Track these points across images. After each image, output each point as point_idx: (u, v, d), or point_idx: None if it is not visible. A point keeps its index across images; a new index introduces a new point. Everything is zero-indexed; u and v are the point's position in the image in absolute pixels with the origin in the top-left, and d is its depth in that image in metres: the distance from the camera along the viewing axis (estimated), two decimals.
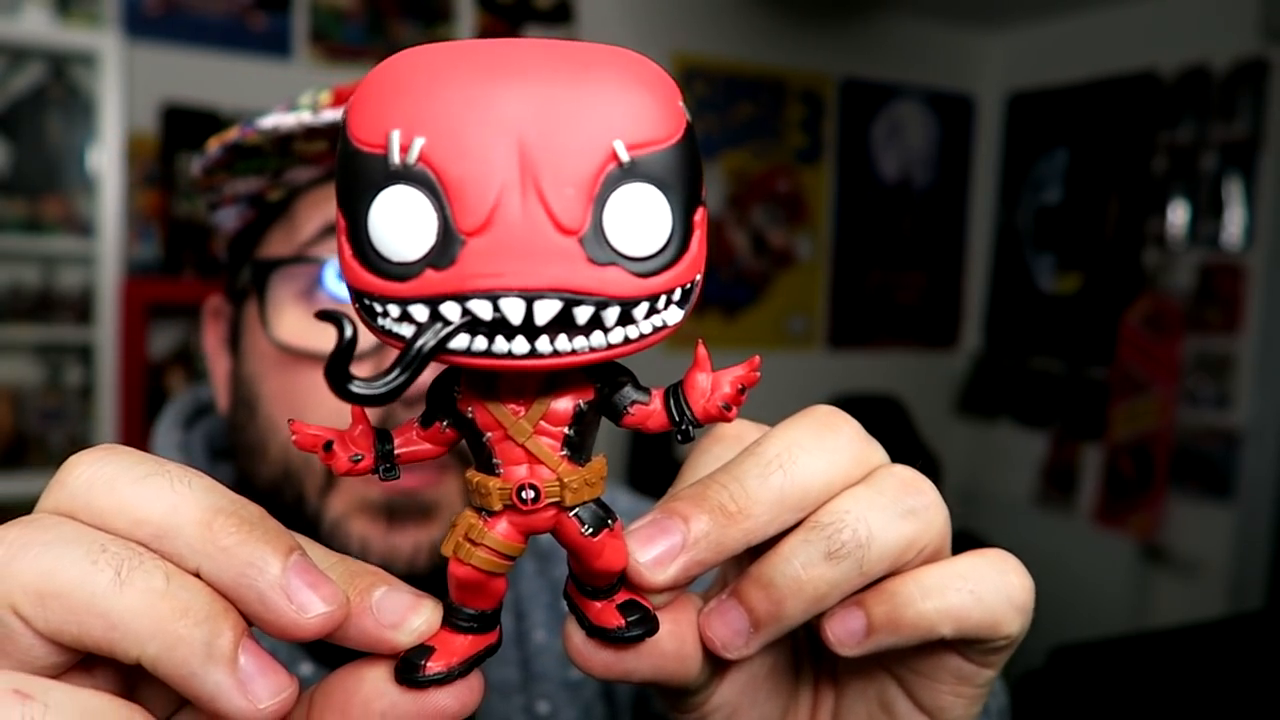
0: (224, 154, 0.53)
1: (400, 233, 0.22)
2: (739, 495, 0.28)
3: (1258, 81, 2.76)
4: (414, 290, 0.22)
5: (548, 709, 0.61)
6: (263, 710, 0.23)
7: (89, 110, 2.36)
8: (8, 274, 2.34)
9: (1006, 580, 0.29)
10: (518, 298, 0.21)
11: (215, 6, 2.50)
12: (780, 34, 3.26)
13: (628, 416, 0.26)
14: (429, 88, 0.22)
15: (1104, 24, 3.21)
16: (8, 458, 2.32)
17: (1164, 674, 1.95)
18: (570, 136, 0.22)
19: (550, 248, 0.21)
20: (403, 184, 0.22)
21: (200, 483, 0.25)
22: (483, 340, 0.22)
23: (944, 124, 3.63)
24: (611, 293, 0.22)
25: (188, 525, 0.24)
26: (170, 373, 2.49)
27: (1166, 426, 2.91)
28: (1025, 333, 3.49)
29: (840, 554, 0.27)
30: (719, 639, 0.28)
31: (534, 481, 0.25)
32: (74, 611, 0.22)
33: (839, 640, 0.28)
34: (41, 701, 0.22)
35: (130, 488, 0.24)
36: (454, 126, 0.21)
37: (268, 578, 0.23)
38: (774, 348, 3.34)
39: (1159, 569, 2.95)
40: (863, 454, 0.30)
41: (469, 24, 2.80)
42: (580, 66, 0.22)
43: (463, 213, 0.21)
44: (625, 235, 0.22)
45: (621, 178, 0.22)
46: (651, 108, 0.22)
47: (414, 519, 0.53)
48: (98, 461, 0.25)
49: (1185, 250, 2.95)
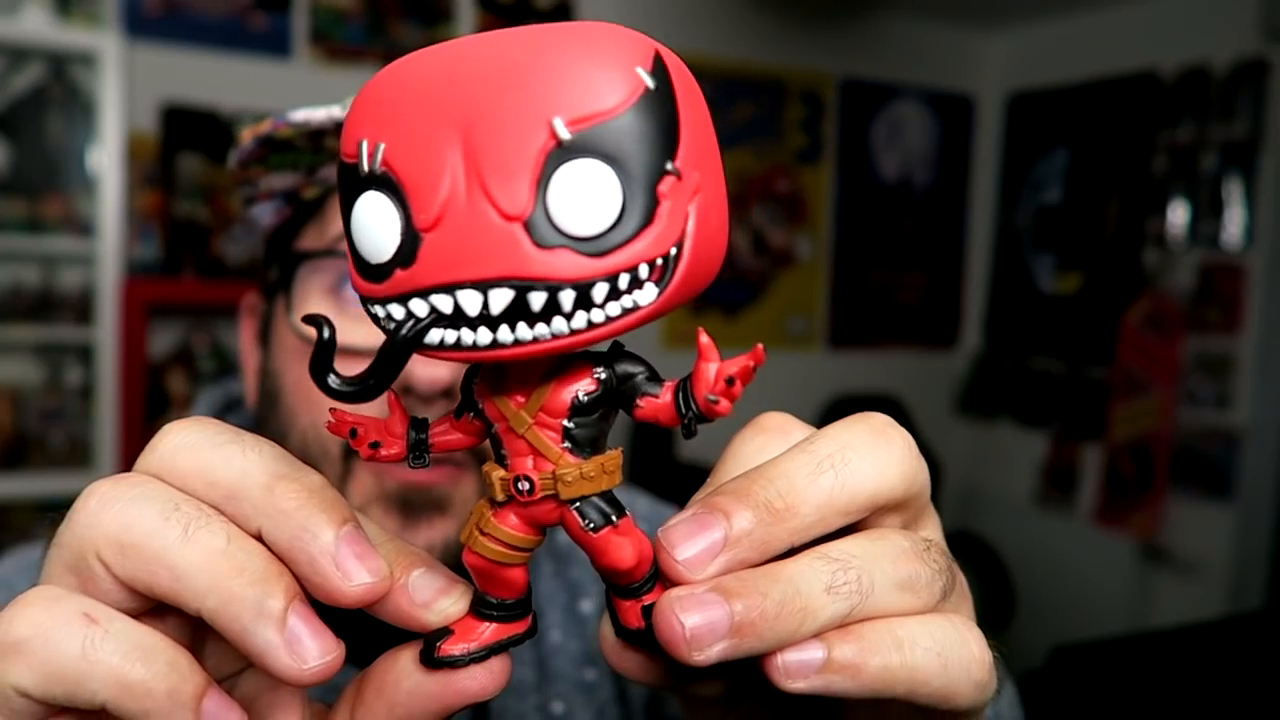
0: (257, 146, 0.54)
1: (373, 235, 0.22)
2: (787, 492, 0.26)
3: (1258, 81, 2.76)
4: (388, 289, 0.23)
5: (562, 709, 0.62)
6: (308, 670, 0.24)
7: (89, 110, 2.36)
8: (8, 274, 2.34)
9: (968, 651, 0.27)
10: (473, 289, 0.22)
11: (215, 6, 2.50)
12: (780, 34, 3.26)
13: (638, 409, 0.25)
14: (390, 95, 0.23)
15: (1104, 24, 3.21)
16: (8, 458, 2.32)
17: (1164, 674, 1.95)
18: (509, 122, 0.21)
19: (496, 236, 0.21)
20: (372, 189, 0.22)
21: (270, 451, 0.27)
22: (452, 333, 0.22)
23: (944, 124, 3.63)
24: (560, 275, 0.21)
25: (254, 488, 0.26)
26: (170, 373, 2.49)
27: (1166, 426, 2.91)
28: (1025, 333, 3.49)
29: (839, 591, 0.26)
30: (690, 628, 0.24)
31: (529, 473, 0.25)
32: (146, 561, 0.25)
33: (787, 670, 0.25)
34: (104, 628, 0.24)
35: (209, 453, 0.27)
36: (408, 128, 0.22)
37: (320, 543, 0.25)
38: (774, 348, 3.34)
39: (1159, 569, 2.95)
40: (912, 470, 0.29)
41: (469, 24, 2.80)
42: (526, 49, 0.22)
43: (419, 210, 0.22)
44: (571, 214, 0.21)
45: (563, 156, 0.21)
46: (596, 78, 0.21)
47: (429, 514, 0.54)
48: (185, 430, 0.28)
49: (1185, 250, 2.95)
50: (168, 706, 0.24)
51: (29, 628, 0.24)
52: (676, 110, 0.23)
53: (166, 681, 0.24)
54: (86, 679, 0.24)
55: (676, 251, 0.22)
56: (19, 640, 0.24)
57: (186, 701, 0.24)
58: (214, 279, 2.52)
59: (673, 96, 0.23)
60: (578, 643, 0.64)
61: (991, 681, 0.28)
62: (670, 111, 0.22)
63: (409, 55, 0.23)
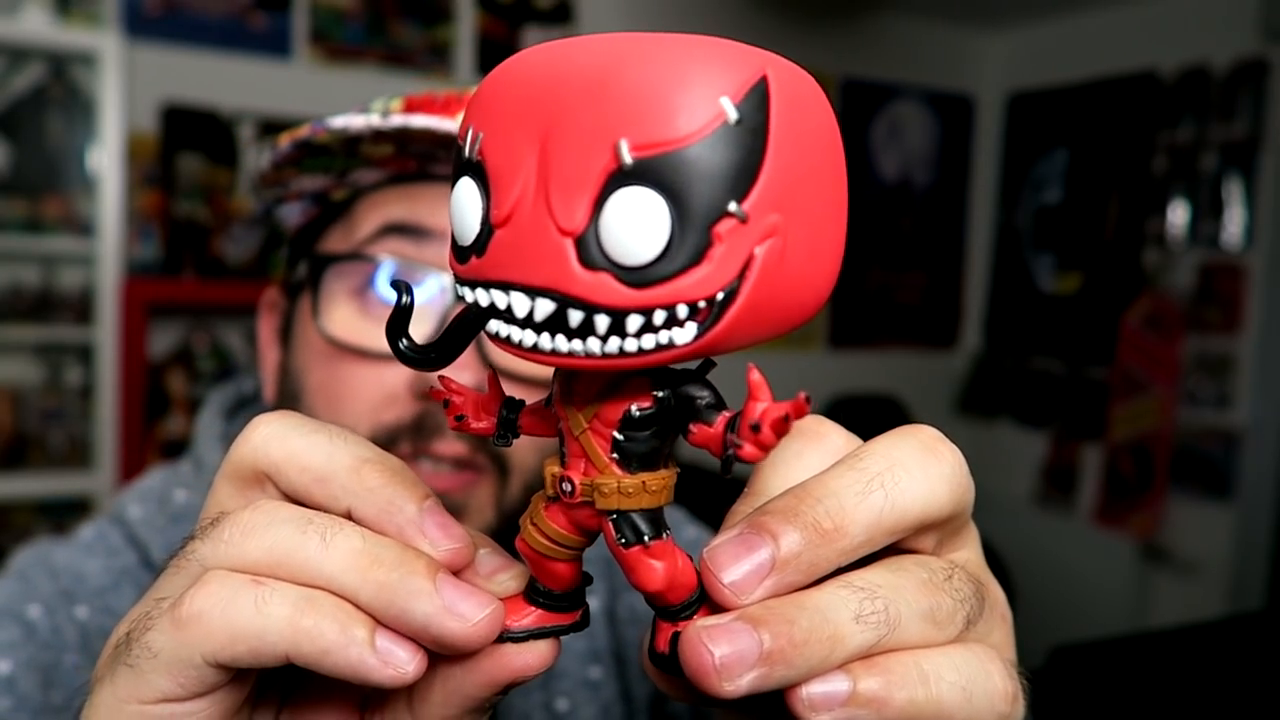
0: (294, 150, 0.54)
1: (463, 218, 0.24)
2: (836, 512, 0.26)
3: (1258, 81, 2.76)
4: (465, 272, 0.24)
5: (566, 706, 0.62)
6: (475, 627, 0.26)
7: (89, 110, 2.36)
8: (8, 274, 2.34)
9: (992, 685, 0.27)
10: (523, 293, 0.22)
11: (215, 6, 2.50)
12: (780, 34, 3.26)
13: (691, 435, 0.24)
14: (499, 88, 0.23)
15: (1104, 24, 3.21)
16: (8, 458, 2.32)
17: (1164, 674, 1.95)
18: (582, 134, 0.21)
19: (549, 247, 0.22)
20: (468, 175, 0.24)
21: (354, 438, 0.29)
22: (505, 327, 0.23)
23: (944, 124, 3.63)
24: (597, 299, 0.21)
25: (341, 471, 0.28)
26: (170, 373, 2.49)
27: (1166, 426, 2.91)
28: (1025, 333, 3.49)
29: (867, 621, 0.25)
30: (718, 658, 0.24)
31: (573, 476, 0.25)
32: (296, 570, 0.26)
33: (812, 703, 0.25)
34: (271, 587, 0.26)
35: (298, 440, 0.29)
36: (502, 123, 0.23)
37: (406, 514, 0.27)
38: (774, 348, 3.34)
39: (1159, 569, 2.95)
40: (962, 489, 0.28)
41: (469, 24, 2.80)
42: (621, 60, 0.21)
43: (496, 205, 0.23)
44: (617, 241, 0.21)
45: (621, 180, 0.21)
46: (673, 103, 0.20)
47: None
48: (274, 421, 0.30)
49: (1185, 250, 2.95)
50: (344, 641, 0.25)
51: (205, 599, 0.26)
52: (765, 147, 0.21)
53: (337, 621, 0.26)
54: (264, 632, 0.25)
55: (726, 296, 0.21)
56: (198, 612, 0.26)
57: (361, 638, 0.26)
58: (214, 279, 2.52)
59: (765, 131, 0.21)
60: (583, 641, 0.64)
61: (1015, 712, 0.28)
62: (755, 148, 0.21)
63: (536, 47, 0.24)
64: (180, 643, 0.26)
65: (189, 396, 2.48)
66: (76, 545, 0.62)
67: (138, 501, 0.63)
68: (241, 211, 2.52)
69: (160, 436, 2.44)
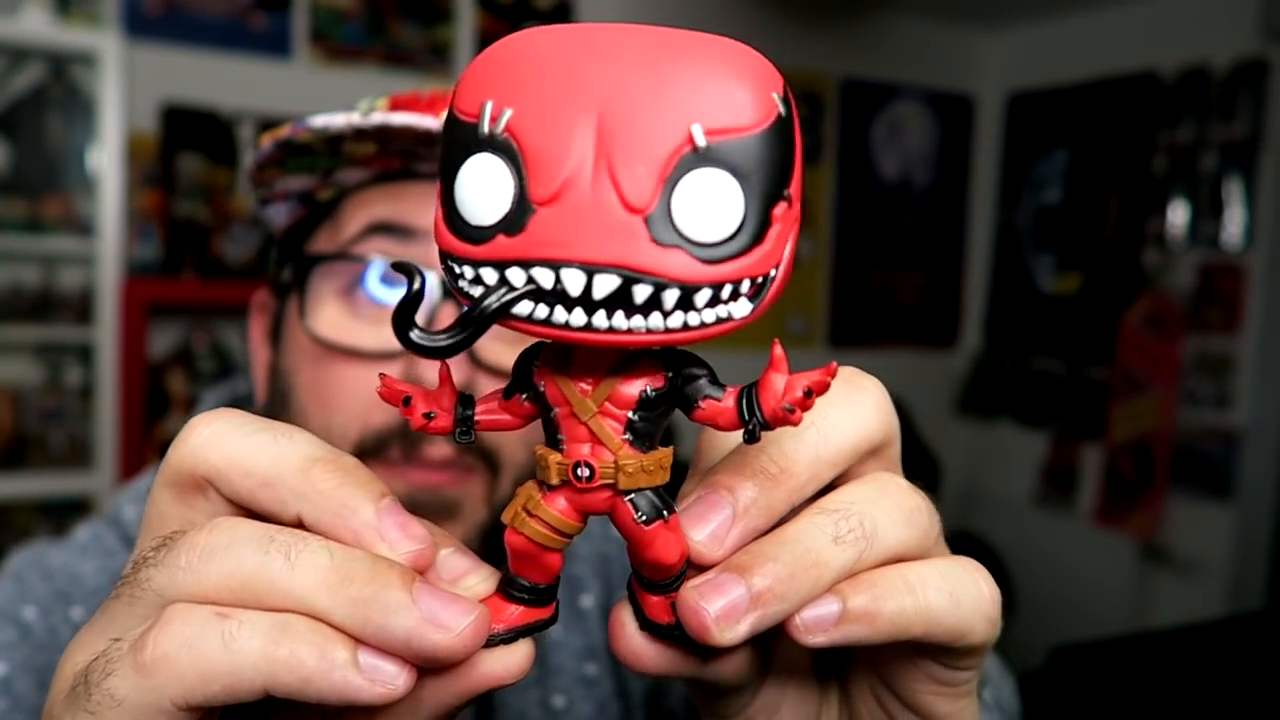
0: (276, 150, 0.54)
1: (480, 197, 0.23)
2: (778, 457, 0.28)
3: (1258, 81, 2.76)
4: (485, 253, 0.23)
5: (563, 703, 0.62)
6: (462, 636, 0.24)
7: (89, 110, 2.36)
8: (8, 274, 2.34)
9: (979, 589, 0.29)
10: (579, 270, 0.22)
11: (215, 6, 2.50)
12: (780, 34, 3.26)
13: (699, 410, 0.26)
14: (524, 65, 0.23)
15: (1104, 24, 3.21)
16: (8, 458, 2.32)
17: (1164, 674, 1.95)
18: (648, 117, 0.22)
19: (615, 224, 0.22)
20: (488, 151, 0.23)
21: (300, 436, 0.27)
22: (544, 309, 0.22)
23: (944, 124, 3.63)
24: (671, 274, 0.22)
25: (289, 473, 0.26)
26: (170, 373, 2.49)
27: (1166, 426, 2.91)
28: (1025, 333, 3.49)
29: (846, 540, 0.27)
30: (713, 613, 0.25)
31: (590, 460, 0.25)
32: (262, 595, 0.25)
33: (806, 627, 0.26)
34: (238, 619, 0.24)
35: (240, 441, 0.27)
36: (540, 101, 0.22)
37: (361, 517, 0.26)
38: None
39: (1159, 569, 2.95)
40: (887, 412, 0.30)
41: (469, 24, 2.80)
42: (672, 50, 0.23)
43: (537, 183, 0.22)
44: (693, 219, 0.22)
45: (695, 162, 0.22)
46: (737, 95, 0.22)
47: (439, 517, 0.54)
48: (214, 422, 0.28)
49: (1185, 250, 2.95)
50: (325, 666, 0.24)
51: (169, 640, 0.24)
52: (795, 141, 0.24)
53: (314, 646, 0.24)
54: (238, 669, 0.24)
55: (774, 273, 0.24)
56: (163, 655, 0.24)
57: (342, 659, 0.24)
58: (214, 279, 2.52)
59: (793, 127, 0.24)
60: (579, 638, 0.64)
61: (999, 618, 0.30)
62: (791, 141, 0.23)
63: (540, 28, 0.24)
64: (146, 689, 0.24)
65: (189, 396, 2.48)
66: (71, 547, 0.62)
67: (133, 502, 0.63)
68: (242, 211, 2.52)
69: (160, 436, 2.44)
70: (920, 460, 3.34)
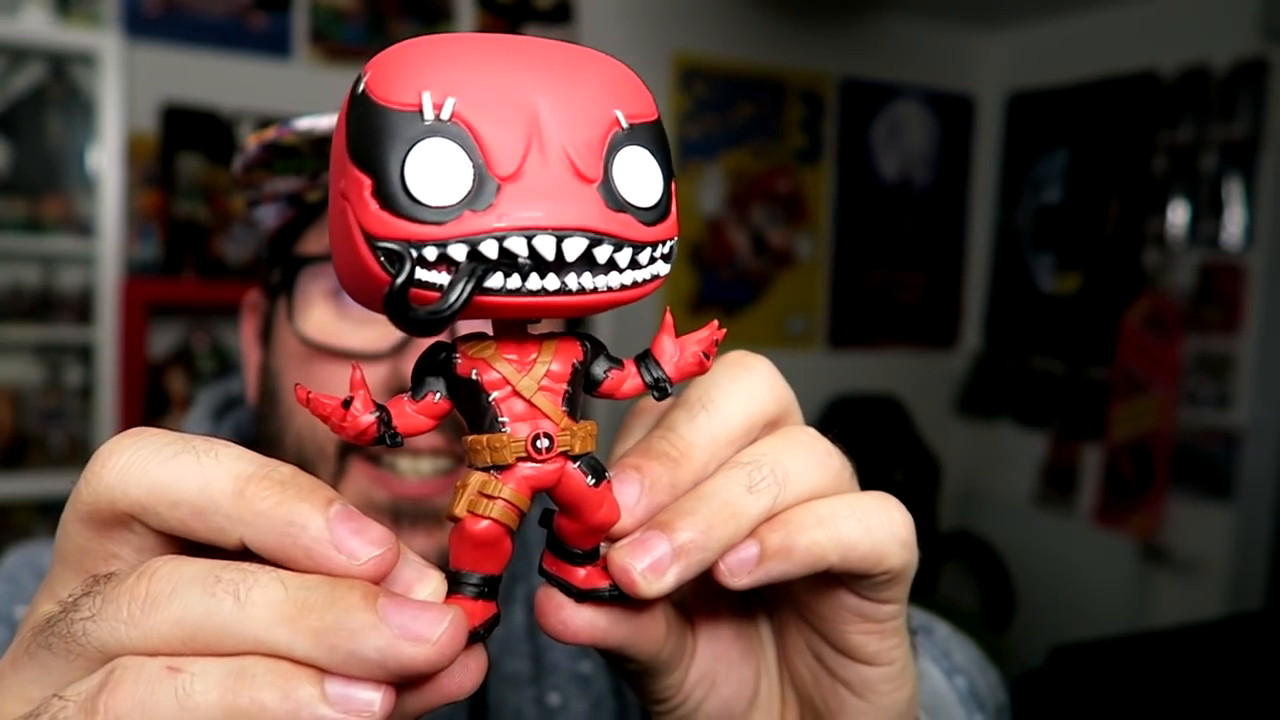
0: (262, 153, 0.55)
1: (436, 179, 0.24)
2: (677, 441, 0.30)
3: (1258, 81, 2.76)
4: (454, 230, 0.24)
5: (559, 700, 0.62)
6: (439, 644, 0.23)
7: (89, 110, 2.36)
8: (8, 274, 2.34)
9: (890, 516, 0.30)
10: (550, 235, 0.24)
11: (215, 6, 2.50)
12: (780, 34, 3.26)
13: (604, 383, 0.28)
14: (451, 60, 0.25)
15: (1104, 24, 3.21)
16: (8, 458, 2.32)
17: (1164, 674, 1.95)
18: (580, 104, 0.25)
19: (574, 192, 0.24)
20: (438, 137, 0.24)
21: (227, 453, 0.25)
22: (516, 278, 0.24)
23: (944, 124, 3.63)
24: (627, 235, 0.25)
25: (221, 497, 0.24)
26: (170, 373, 2.49)
27: (1166, 426, 2.91)
28: (1025, 333, 3.49)
29: (760, 488, 0.29)
30: (638, 567, 0.27)
31: (548, 430, 0.26)
32: (214, 642, 0.23)
33: (730, 570, 0.29)
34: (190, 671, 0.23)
35: (160, 470, 0.25)
36: (480, 91, 0.24)
37: (311, 532, 0.24)
38: (774, 348, 3.34)
39: (1159, 569, 2.95)
40: (777, 388, 0.32)
41: (469, 24, 2.80)
42: (574, 55, 0.26)
43: (496, 161, 0.24)
44: (632, 187, 0.25)
45: (624, 140, 0.25)
46: (638, 89, 0.27)
47: (422, 525, 0.54)
48: (127, 449, 0.25)
49: (1185, 250, 2.95)
50: (291, 708, 0.22)
51: (121, 703, 0.22)
52: None
53: (276, 688, 0.23)
54: None
55: (675, 240, 0.27)
56: None
57: (308, 696, 0.23)
58: (214, 279, 2.52)
59: None
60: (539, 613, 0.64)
61: (914, 545, 0.31)
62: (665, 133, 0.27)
63: (443, 35, 0.26)
64: None
65: (189, 396, 2.48)
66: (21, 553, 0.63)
67: None
68: (241, 212, 2.52)
69: None
70: (920, 460, 3.34)
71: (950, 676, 0.52)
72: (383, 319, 0.25)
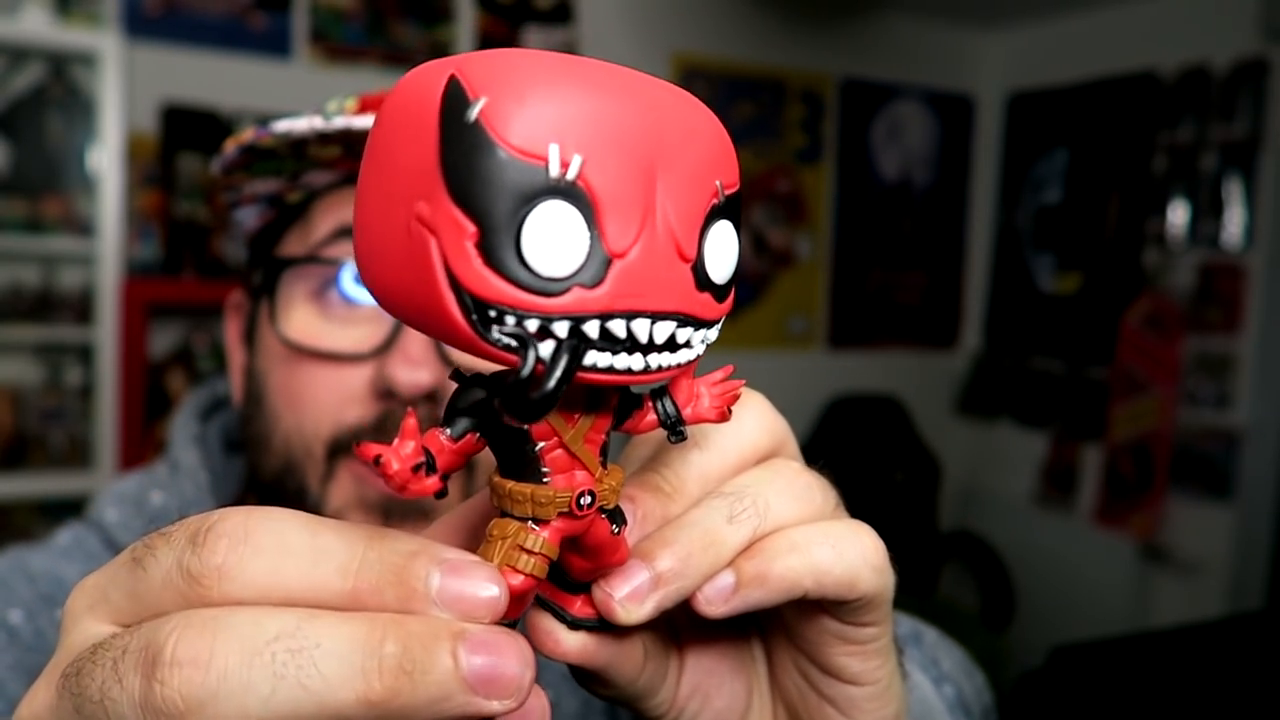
0: (240, 156, 0.55)
1: (556, 248, 0.22)
2: (670, 477, 0.31)
3: (1258, 81, 2.76)
4: (564, 307, 0.22)
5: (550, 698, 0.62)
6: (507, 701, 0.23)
7: (89, 110, 2.36)
8: (8, 274, 2.34)
9: (862, 541, 0.31)
10: (647, 319, 0.23)
11: (215, 6, 2.50)
12: (780, 34, 3.26)
13: (628, 421, 0.28)
14: (582, 106, 0.22)
15: (1104, 24, 3.21)
16: (8, 458, 2.32)
17: (1164, 674, 1.95)
18: (691, 174, 0.24)
19: (675, 275, 0.24)
20: (562, 200, 0.22)
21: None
22: (607, 356, 0.23)
23: (944, 124, 3.63)
24: (704, 315, 0.25)
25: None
26: (170, 373, 2.49)
27: (1166, 426, 2.91)
28: (1025, 333, 3.49)
29: (740, 519, 0.30)
30: (617, 595, 0.28)
31: (591, 488, 0.26)
32: None
33: (707, 599, 0.29)
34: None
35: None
36: (607, 150, 0.22)
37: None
38: (774, 348, 3.34)
39: (1159, 569, 2.95)
40: (770, 422, 0.33)
41: (469, 24, 2.80)
42: (687, 107, 0.25)
43: (613, 235, 0.22)
44: (716, 264, 0.25)
45: (717, 214, 0.24)
46: (730, 153, 0.25)
47: (411, 521, 0.54)
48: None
49: (1185, 250, 2.95)
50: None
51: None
52: None
53: None
54: None
55: None
56: None
57: None
58: (214, 279, 2.52)
59: None
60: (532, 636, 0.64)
61: (888, 569, 0.31)
62: None
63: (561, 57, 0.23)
64: None
65: None
66: (52, 550, 0.62)
67: (114, 504, 0.63)
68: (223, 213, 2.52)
69: (160, 436, 2.44)
70: (920, 460, 3.34)
71: (939, 685, 0.52)
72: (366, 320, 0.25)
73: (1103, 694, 1.89)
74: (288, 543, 0.24)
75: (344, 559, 0.24)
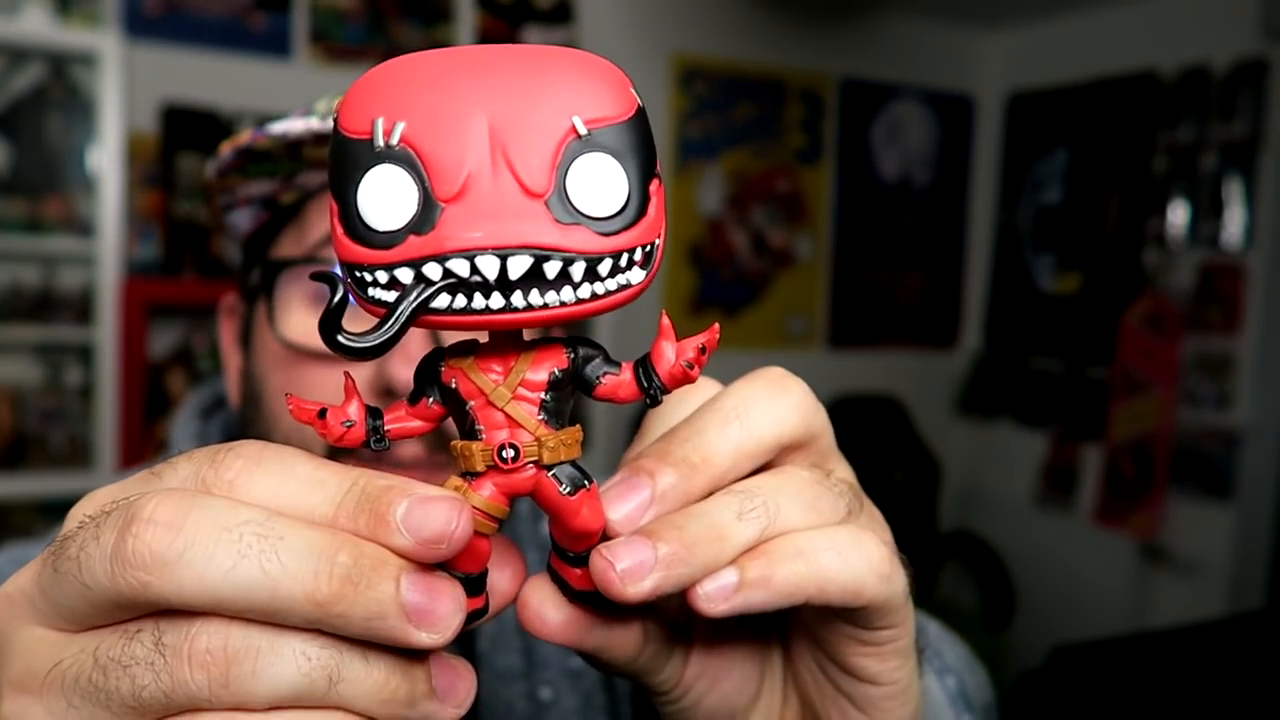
0: (235, 158, 0.55)
1: (385, 205, 0.24)
2: (701, 447, 0.30)
3: (1258, 81, 2.76)
4: (399, 255, 0.24)
5: (550, 695, 0.62)
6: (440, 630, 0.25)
7: (89, 110, 2.36)
8: (8, 274, 2.34)
9: (868, 549, 0.30)
10: (492, 255, 0.24)
11: (215, 6, 2.50)
12: (780, 34, 3.26)
13: (600, 387, 0.28)
14: (407, 83, 0.25)
15: (1104, 24, 3.21)
16: (8, 458, 2.32)
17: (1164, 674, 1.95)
18: (534, 114, 0.25)
19: (519, 209, 0.24)
20: (387, 163, 0.24)
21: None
22: (462, 298, 0.24)
23: (944, 124, 3.63)
24: (577, 249, 0.25)
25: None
26: (170, 373, 2.49)
27: (1166, 426, 2.91)
28: (1025, 333, 3.49)
29: (749, 517, 0.29)
30: (620, 569, 0.27)
31: (514, 441, 0.27)
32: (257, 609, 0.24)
33: (708, 596, 0.28)
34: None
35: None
36: (430, 112, 0.24)
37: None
38: (774, 348, 3.34)
39: (1159, 569, 2.95)
40: (810, 413, 0.33)
41: (469, 24, 2.80)
42: (539, 60, 0.26)
43: (440, 183, 0.24)
44: (587, 198, 0.25)
45: (581, 148, 0.25)
46: (603, 91, 0.26)
47: None
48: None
49: (1185, 250, 2.95)
50: None
51: None
52: (649, 126, 0.27)
53: None
54: None
55: (658, 241, 0.27)
56: None
57: None
58: (214, 279, 2.52)
59: (646, 114, 0.27)
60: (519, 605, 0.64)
61: (896, 576, 0.31)
62: (649, 128, 0.27)
63: (410, 55, 0.26)
64: None
65: None
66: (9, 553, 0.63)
67: None
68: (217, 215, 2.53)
69: (160, 436, 2.44)
70: (920, 460, 3.34)
71: (941, 676, 0.53)
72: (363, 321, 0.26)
73: (1103, 694, 1.89)
74: (293, 470, 0.26)
75: (335, 490, 0.26)
